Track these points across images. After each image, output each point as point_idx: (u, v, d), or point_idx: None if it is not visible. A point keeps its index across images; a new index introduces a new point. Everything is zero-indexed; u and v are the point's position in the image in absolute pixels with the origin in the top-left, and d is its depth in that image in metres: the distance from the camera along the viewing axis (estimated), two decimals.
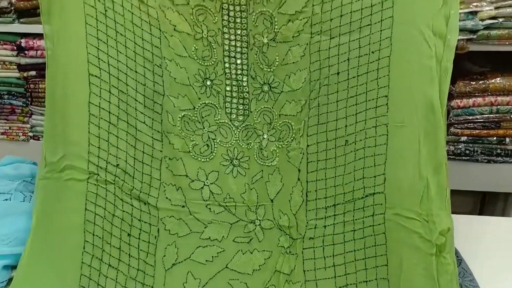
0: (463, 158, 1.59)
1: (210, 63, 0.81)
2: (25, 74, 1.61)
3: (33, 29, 1.53)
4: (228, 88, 0.82)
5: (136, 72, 0.79)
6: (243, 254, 0.80)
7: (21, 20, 1.55)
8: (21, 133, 1.71)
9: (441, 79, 0.72)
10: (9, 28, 1.55)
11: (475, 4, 1.37)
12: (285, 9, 0.78)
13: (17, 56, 1.59)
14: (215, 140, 0.82)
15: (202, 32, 0.80)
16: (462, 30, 1.39)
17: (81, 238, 0.77)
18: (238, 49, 0.81)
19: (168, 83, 0.80)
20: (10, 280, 0.81)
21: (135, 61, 0.79)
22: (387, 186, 0.73)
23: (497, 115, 1.53)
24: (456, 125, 1.56)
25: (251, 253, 0.80)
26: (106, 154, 0.78)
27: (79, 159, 0.77)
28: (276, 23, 0.79)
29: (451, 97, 1.54)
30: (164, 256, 0.80)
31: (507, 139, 1.55)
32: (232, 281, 0.79)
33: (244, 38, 0.81)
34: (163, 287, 0.78)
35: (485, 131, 1.56)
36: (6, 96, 1.67)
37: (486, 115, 1.53)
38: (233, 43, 0.81)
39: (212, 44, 0.81)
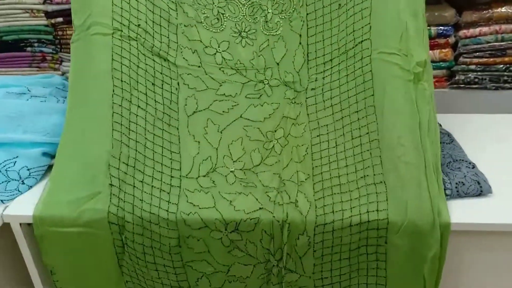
0: (473, 86, 1.68)
1: None
2: (52, 21, 1.59)
3: None
4: None
5: None
6: (255, 107, 0.93)
7: None
8: None
9: None
10: None
11: None
12: None
13: (44, 3, 1.58)
14: (224, 15, 0.96)
15: None
16: None
17: (110, 83, 0.85)
18: None
19: None
20: (50, 167, 0.91)
21: None
22: (372, 32, 0.86)
23: (502, 43, 1.61)
24: (465, 55, 1.65)
25: (262, 105, 0.93)
26: (128, 15, 0.88)
27: (103, 16, 0.87)
28: None
29: (458, 27, 1.64)
30: (186, 105, 0.91)
31: None
32: (247, 127, 0.91)
33: None
34: (187, 129, 0.89)
35: (492, 59, 1.64)
36: (36, 44, 1.65)
37: (492, 43, 1.62)
38: None
39: None
